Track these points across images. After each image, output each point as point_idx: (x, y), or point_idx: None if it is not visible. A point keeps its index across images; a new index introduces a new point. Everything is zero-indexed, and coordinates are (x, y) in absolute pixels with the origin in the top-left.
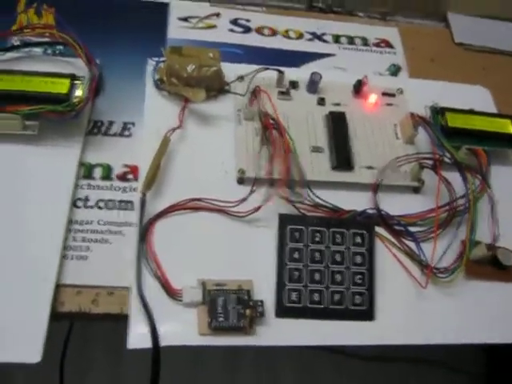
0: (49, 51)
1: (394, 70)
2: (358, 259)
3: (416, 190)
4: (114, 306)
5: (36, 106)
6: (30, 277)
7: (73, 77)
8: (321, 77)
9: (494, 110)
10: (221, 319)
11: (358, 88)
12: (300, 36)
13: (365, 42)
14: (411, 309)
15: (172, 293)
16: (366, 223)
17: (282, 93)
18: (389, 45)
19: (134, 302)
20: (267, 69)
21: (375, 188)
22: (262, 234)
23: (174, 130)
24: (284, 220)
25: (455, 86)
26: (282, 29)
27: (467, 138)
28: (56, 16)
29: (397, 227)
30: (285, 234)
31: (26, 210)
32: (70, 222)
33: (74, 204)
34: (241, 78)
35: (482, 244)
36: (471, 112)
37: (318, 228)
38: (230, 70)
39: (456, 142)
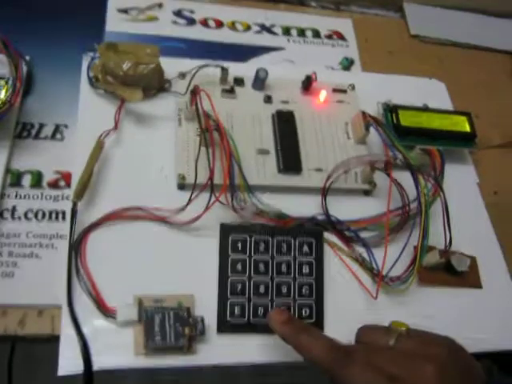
0: None
1: (347, 64)
2: (306, 269)
3: (367, 193)
4: (43, 326)
5: None
6: None
7: None
8: (267, 73)
9: (449, 105)
10: (157, 338)
11: (307, 84)
12: (247, 28)
13: (316, 34)
14: (362, 320)
15: (106, 311)
16: (314, 231)
17: (225, 91)
18: (341, 37)
19: (64, 322)
20: (209, 65)
21: (324, 192)
22: (203, 244)
23: (108, 132)
24: (225, 229)
25: (409, 79)
26: (229, 20)
27: (420, 138)
28: None
29: (347, 233)
30: (226, 244)
31: None
32: None
33: (0, 215)
34: (182, 76)
35: (436, 250)
36: (425, 109)
37: (263, 237)
38: (171, 66)
39: (409, 141)
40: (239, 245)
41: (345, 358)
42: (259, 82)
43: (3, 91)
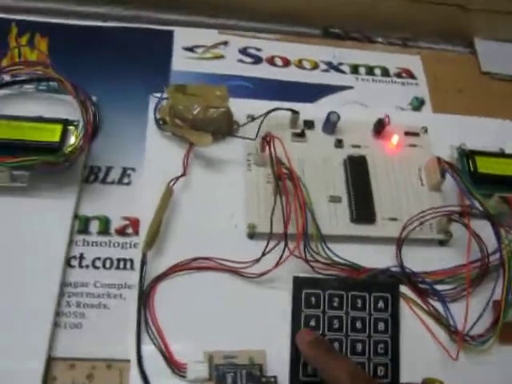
0: (41, 88)
1: (417, 105)
2: (381, 326)
3: (442, 244)
4: (112, 381)
5: (25, 158)
6: (17, 350)
7: (65, 122)
8: (339, 117)
9: None
10: None
11: (379, 128)
12: (315, 66)
13: (385, 72)
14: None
15: (176, 367)
16: (390, 285)
17: (296, 134)
18: (411, 75)
19: (133, 378)
20: (280, 109)
21: (400, 243)
22: (275, 297)
23: (177, 178)
24: (299, 283)
25: (482, 120)
26: (296, 58)
27: (498, 185)
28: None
29: (422, 285)
30: (300, 298)
31: (13, 271)
32: (63, 284)
33: (67, 263)
34: (251, 118)
35: None
36: (502, 155)
37: (336, 291)
38: (239, 107)
39: (486, 189)
40: (313, 299)
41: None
42: (330, 125)
43: (73, 136)
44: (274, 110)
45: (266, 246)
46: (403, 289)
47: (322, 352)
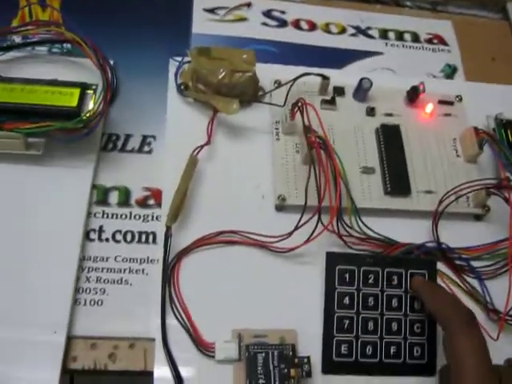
0: (55, 50)
1: (450, 72)
2: (417, 304)
3: (479, 218)
4: (135, 361)
5: (41, 124)
6: (36, 328)
7: (84, 86)
8: (371, 83)
9: None
10: (261, 381)
11: (413, 96)
12: (342, 30)
13: (415, 37)
14: None
15: (203, 347)
16: (427, 262)
17: (326, 101)
18: (442, 41)
19: (158, 358)
20: (309, 74)
21: (436, 217)
22: (306, 273)
23: (201, 147)
24: (332, 259)
25: None
26: (322, 22)
27: None
28: (62, 14)
29: (458, 262)
30: (333, 275)
31: (29, 245)
32: (83, 258)
33: (86, 236)
34: (278, 84)
35: None
36: None
37: (372, 268)
38: (265, 73)
39: None
40: (347, 276)
41: (470, 323)
42: (362, 92)
43: (92, 101)
44: (303, 74)
45: (300, 220)
46: (439, 265)
47: (433, 286)
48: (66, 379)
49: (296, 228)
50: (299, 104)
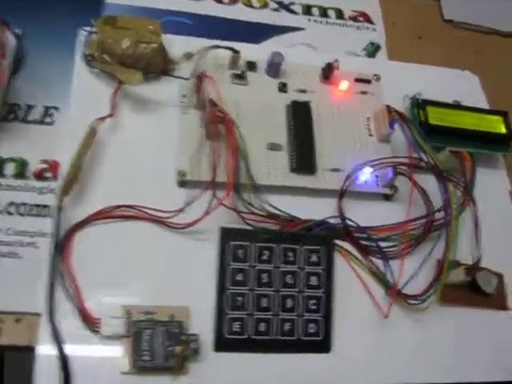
0: None
1: (372, 50)
2: (314, 281)
3: (388, 198)
4: (20, 336)
5: None
6: None
7: None
8: (283, 58)
9: (483, 101)
10: (146, 358)
11: (327, 72)
12: (264, 5)
13: (339, 14)
14: (374, 341)
15: (91, 323)
16: (323, 237)
17: (236, 76)
18: (367, 19)
19: (43, 333)
20: (218, 47)
21: (341, 194)
22: (202, 250)
23: (102, 119)
24: (225, 235)
25: (440, 70)
26: None
27: (450, 138)
28: None
29: (363, 242)
30: (226, 251)
31: None
32: None
33: None
34: (188, 57)
35: (461, 268)
36: (457, 106)
37: (266, 244)
38: (176, 45)
39: (437, 142)
40: (240, 252)
41: None
42: (274, 67)
43: None
44: (211, 47)
45: (195, 196)
46: (343, 244)
47: None
48: None
49: (187, 203)
50: (201, 75)
